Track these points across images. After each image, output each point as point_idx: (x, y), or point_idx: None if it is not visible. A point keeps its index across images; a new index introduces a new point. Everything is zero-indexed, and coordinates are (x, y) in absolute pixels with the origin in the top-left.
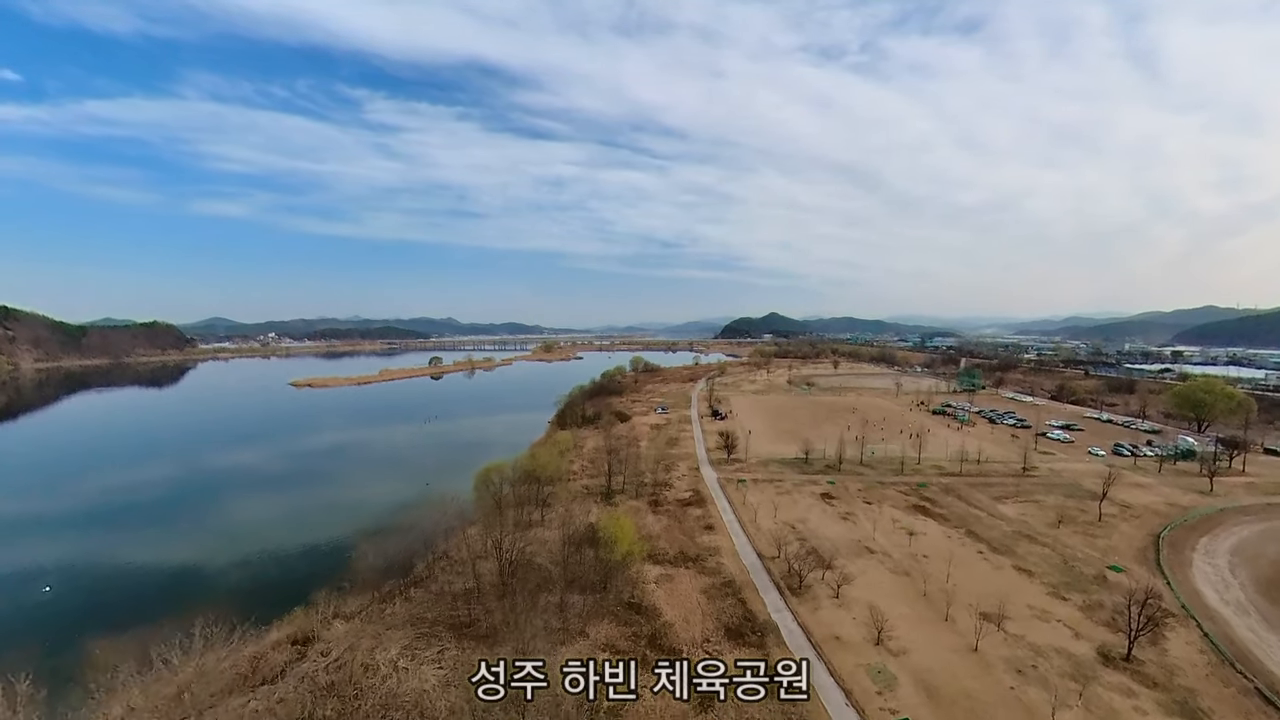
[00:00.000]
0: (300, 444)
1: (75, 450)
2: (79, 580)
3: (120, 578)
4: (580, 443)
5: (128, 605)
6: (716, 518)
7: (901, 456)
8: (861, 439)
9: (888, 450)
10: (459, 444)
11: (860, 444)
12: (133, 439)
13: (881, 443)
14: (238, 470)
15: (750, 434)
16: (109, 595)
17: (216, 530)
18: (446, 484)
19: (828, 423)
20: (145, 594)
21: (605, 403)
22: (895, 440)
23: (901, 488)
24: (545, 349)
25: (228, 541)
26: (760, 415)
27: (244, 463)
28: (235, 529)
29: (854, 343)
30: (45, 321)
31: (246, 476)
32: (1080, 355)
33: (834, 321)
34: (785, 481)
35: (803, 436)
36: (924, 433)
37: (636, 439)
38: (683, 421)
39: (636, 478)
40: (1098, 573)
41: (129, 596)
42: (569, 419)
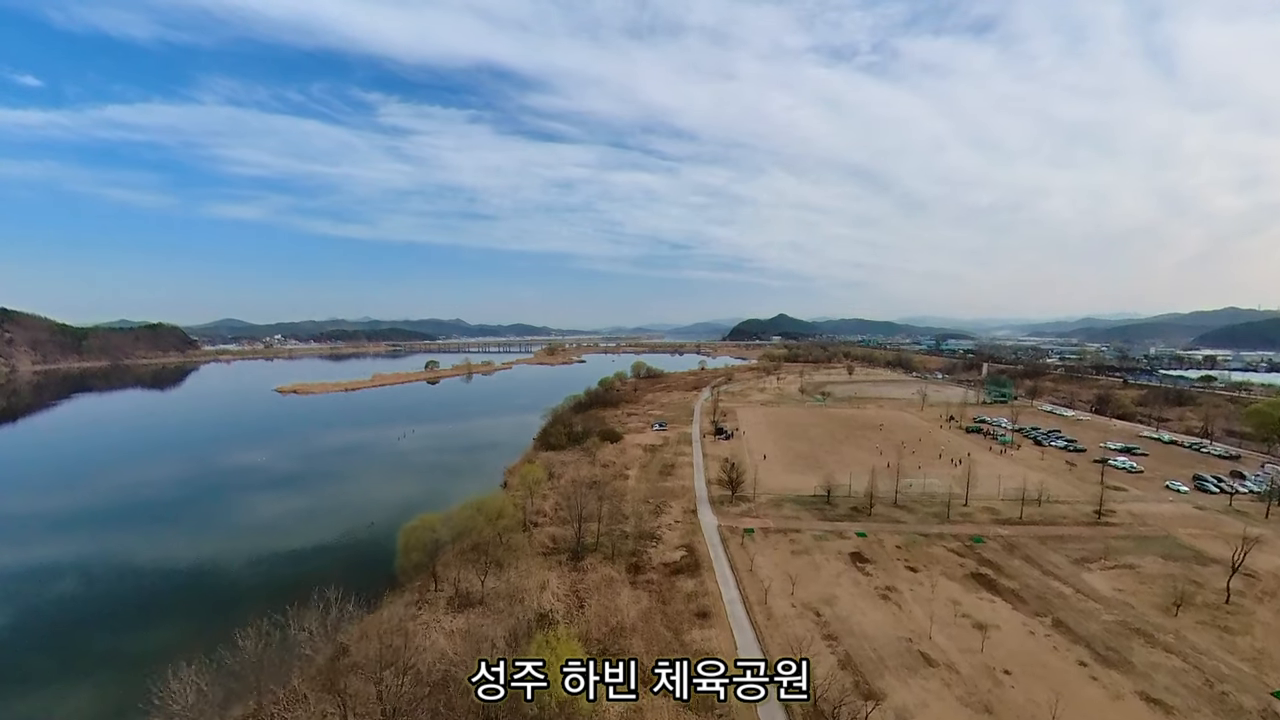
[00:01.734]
0: (242, 461)
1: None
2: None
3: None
4: (558, 471)
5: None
6: (714, 596)
7: (946, 494)
8: (894, 468)
9: (926, 485)
10: (430, 465)
11: (892, 475)
12: (63, 451)
13: (918, 472)
14: (134, 503)
15: (760, 459)
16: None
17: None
18: (398, 520)
19: (849, 443)
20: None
21: (598, 417)
22: (932, 468)
23: (951, 543)
24: (548, 352)
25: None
26: (771, 433)
27: (153, 490)
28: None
29: (866, 345)
30: (46, 324)
31: (143, 511)
32: (1107, 359)
33: (844, 323)
34: (803, 532)
35: (821, 462)
36: (965, 459)
37: (625, 467)
38: (682, 441)
39: (617, 525)
40: (1264, 707)
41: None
42: (553, 438)
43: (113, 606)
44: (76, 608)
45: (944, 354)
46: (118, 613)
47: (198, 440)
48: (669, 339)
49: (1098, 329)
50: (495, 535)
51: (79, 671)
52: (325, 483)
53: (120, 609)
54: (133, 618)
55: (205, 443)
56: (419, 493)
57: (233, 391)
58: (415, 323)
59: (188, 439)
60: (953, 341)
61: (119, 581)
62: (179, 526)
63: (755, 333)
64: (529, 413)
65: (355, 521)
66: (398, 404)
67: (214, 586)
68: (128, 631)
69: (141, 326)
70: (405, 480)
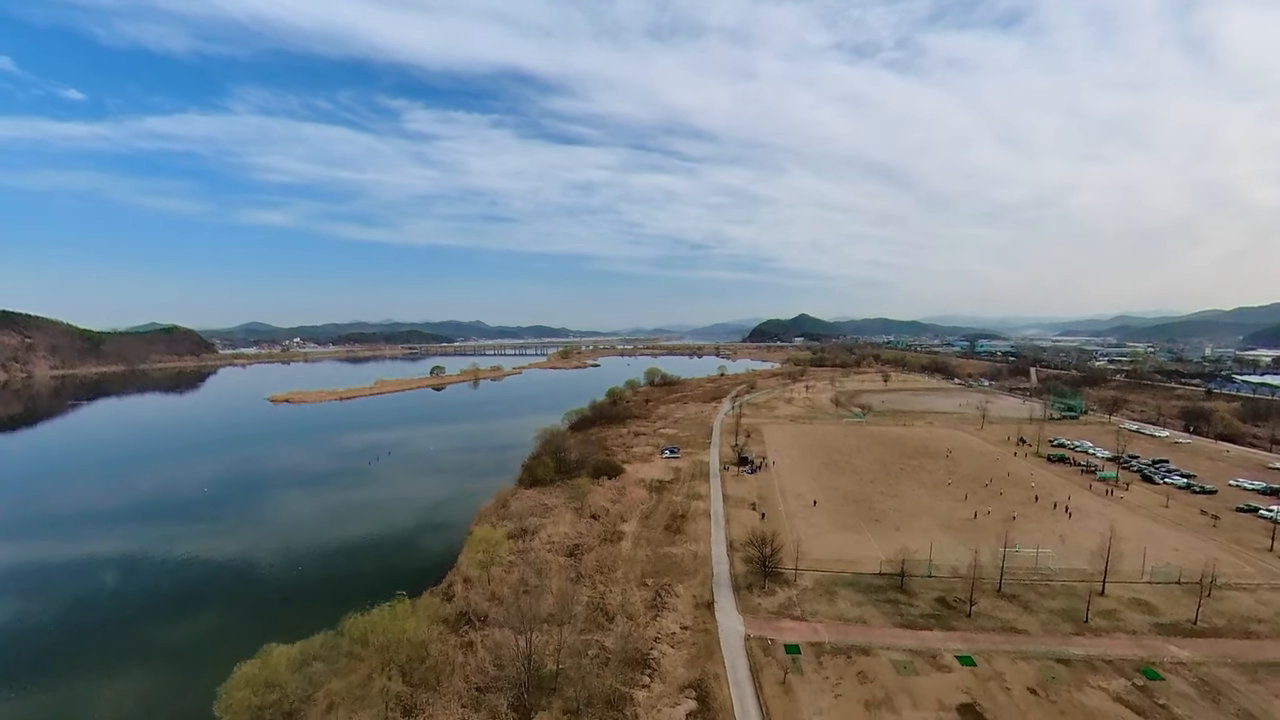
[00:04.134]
0: (180, 494)
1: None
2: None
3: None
4: (532, 526)
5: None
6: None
7: (1071, 573)
8: (990, 526)
9: (1039, 557)
10: (394, 503)
11: (985, 534)
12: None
13: (1014, 526)
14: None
15: (797, 505)
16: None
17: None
18: (330, 572)
19: (907, 477)
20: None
21: (598, 439)
22: (1030, 519)
23: (1110, 680)
24: (562, 355)
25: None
26: (807, 463)
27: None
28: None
29: (896, 347)
30: (66, 329)
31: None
32: (1164, 362)
33: (867, 323)
34: (875, 654)
35: (877, 509)
36: (1065, 503)
37: (621, 518)
38: (697, 476)
39: (594, 634)
40: None
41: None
42: (539, 470)
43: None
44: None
45: (981, 356)
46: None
47: (145, 461)
48: (688, 340)
49: (1134, 328)
50: (388, 678)
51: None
52: (261, 522)
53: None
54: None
55: (149, 463)
56: (366, 539)
57: (223, 401)
58: (435, 325)
59: (137, 457)
60: (985, 342)
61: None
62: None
63: (776, 333)
64: (530, 424)
65: (282, 572)
66: (391, 415)
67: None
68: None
69: (157, 330)
70: (356, 522)
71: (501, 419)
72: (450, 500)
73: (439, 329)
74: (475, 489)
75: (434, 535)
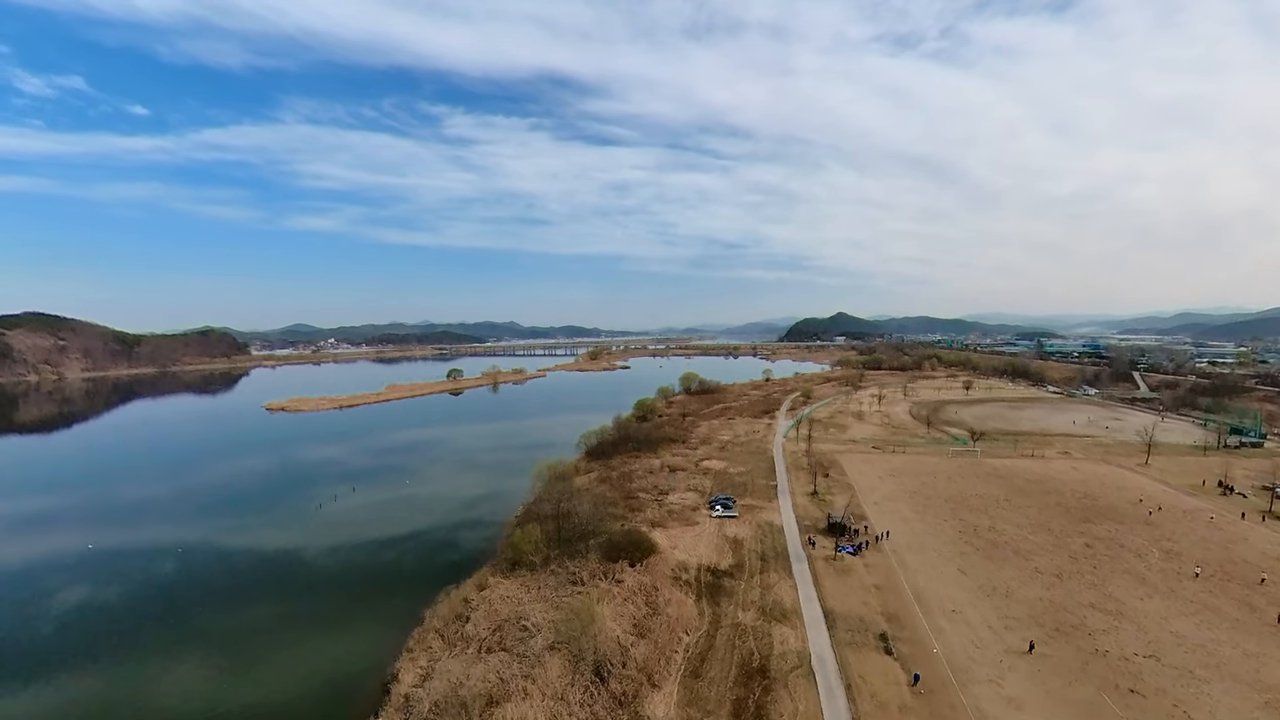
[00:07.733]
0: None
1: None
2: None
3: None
4: (499, 693)
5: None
6: None
7: None
8: None
9: None
10: (316, 578)
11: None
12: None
13: None
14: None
15: (960, 636)
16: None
17: None
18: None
19: (1107, 565)
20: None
21: (623, 474)
22: None
23: None
24: (590, 356)
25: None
26: (934, 533)
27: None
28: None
29: (950, 347)
30: (101, 331)
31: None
32: None
33: (909, 321)
34: None
35: (1088, 627)
36: None
37: (643, 685)
38: (769, 558)
39: None
40: None
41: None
42: (524, 548)
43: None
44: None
45: (1054, 357)
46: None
47: (112, 501)
48: (721, 339)
49: (1203, 325)
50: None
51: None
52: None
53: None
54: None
55: (112, 508)
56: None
57: (220, 408)
58: (470, 325)
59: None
60: (1054, 342)
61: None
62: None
63: (814, 332)
64: (548, 440)
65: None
66: (389, 427)
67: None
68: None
69: (192, 333)
70: (273, 594)
71: (518, 430)
72: (403, 582)
73: (474, 330)
74: (448, 559)
75: (348, 641)
